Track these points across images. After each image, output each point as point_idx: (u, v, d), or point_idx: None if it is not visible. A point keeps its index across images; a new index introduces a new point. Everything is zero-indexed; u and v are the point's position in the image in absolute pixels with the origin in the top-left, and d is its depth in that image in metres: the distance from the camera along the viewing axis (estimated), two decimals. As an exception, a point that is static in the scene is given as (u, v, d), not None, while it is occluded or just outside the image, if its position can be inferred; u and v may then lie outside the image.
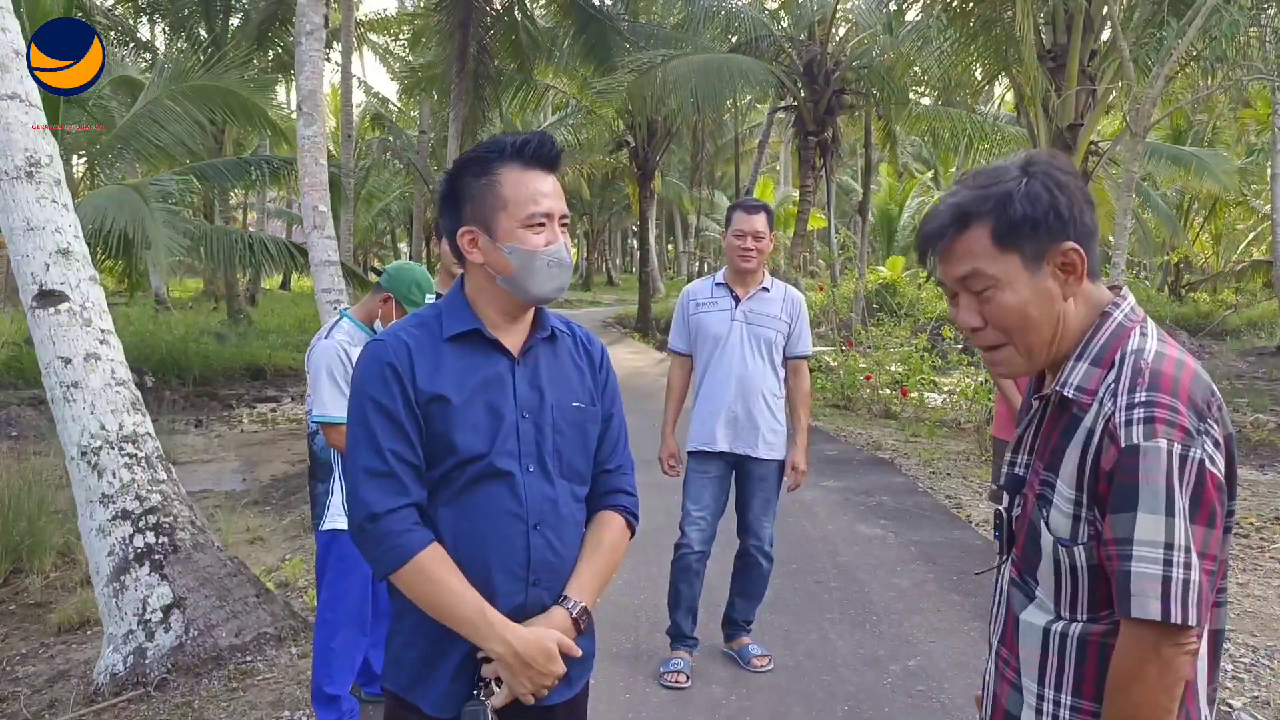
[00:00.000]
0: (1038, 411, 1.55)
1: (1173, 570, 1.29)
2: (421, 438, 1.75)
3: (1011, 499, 1.58)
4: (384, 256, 49.87)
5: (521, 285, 1.80)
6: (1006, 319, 1.47)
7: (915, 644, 4.45)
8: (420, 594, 1.72)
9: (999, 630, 1.59)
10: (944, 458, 9.14)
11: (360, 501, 1.73)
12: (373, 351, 1.79)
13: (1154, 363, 1.39)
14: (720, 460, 4.02)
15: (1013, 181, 1.45)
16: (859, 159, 25.52)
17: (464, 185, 1.82)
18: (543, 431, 1.84)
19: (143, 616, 4.16)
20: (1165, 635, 1.30)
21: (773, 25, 16.91)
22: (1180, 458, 1.31)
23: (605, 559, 1.91)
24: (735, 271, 4.05)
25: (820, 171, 17.33)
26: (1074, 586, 1.44)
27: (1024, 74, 9.92)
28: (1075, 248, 1.44)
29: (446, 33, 16.80)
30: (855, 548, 5.95)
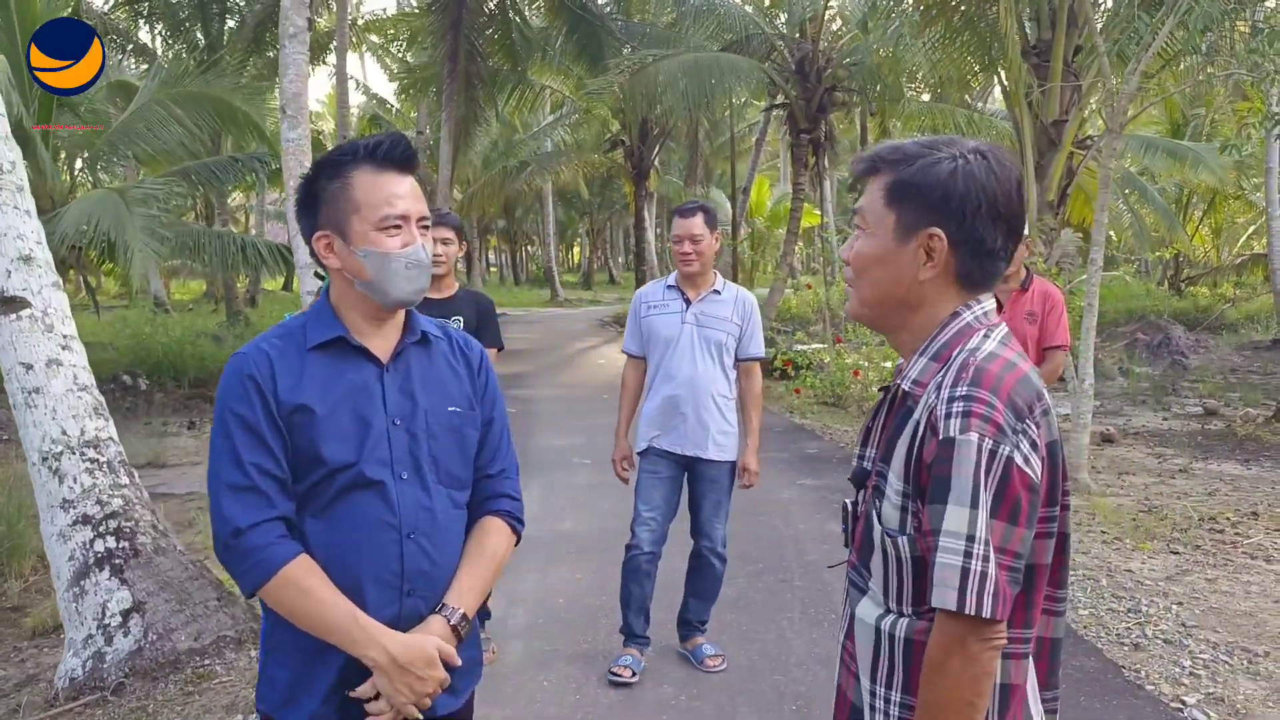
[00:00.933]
0: (884, 404, 1.59)
1: (972, 562, 1.31)
2: (286, 450, 1.74)
3: (857, 492, 1.62)
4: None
5: (379, 289, 1.79)
6: (858, 261, 1.55)
7: (872, 643, 4.45)
8: (290, 607, 1.71)
9: (844, 624, 1.63)
10: (928, 455, 9.12)
11: (223, 517, 1.70)
12: (233, 365, 1.78)
13: (982, 361, 1.42)
14: (671, 460, 4.04)
15: (935, 155, 1.48)
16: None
17: (319, 189, 1.81)
18: (417, 438, 1.83)
19: (102, 621, 4.20)
20: (970, 628, 1.33)
21: (764, 23, 16.90)
22: (990, 452, 1.33)
23: (487, 566, 1.89)
24: (682, 275, 4.08)
25: (815, 169, 17.33)
26: (899, 578, 1.47)
27: (1008, 70, 9.90)
28: (939, 235, 1.46)
29: (439, 33, 16.84)
30: (825, 546, 5.96)
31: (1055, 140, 10.37)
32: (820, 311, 17.25)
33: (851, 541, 1.63)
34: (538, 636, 4.59)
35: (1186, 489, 7.70)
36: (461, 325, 4.26)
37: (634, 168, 20.35)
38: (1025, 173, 10.55)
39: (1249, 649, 4.51)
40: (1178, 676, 4.24)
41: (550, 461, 8.41)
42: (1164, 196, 24.94)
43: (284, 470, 1.74)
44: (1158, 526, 6.47)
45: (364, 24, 26.11)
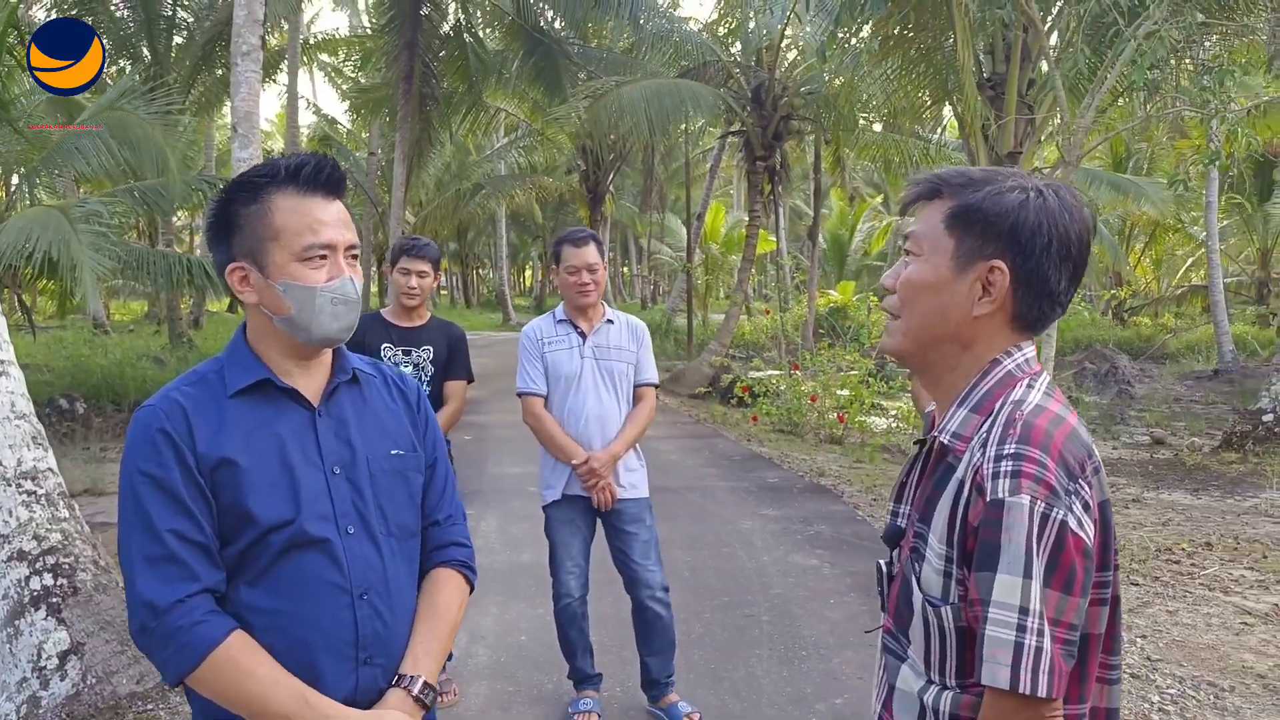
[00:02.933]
0: (919, 457, 1.48)
1: (1026, 637, 1.21)
2: (210, 512, 1.54)
3: (892, 550, 1.51)
4: (335, 278, 49.40)
5: (302, 326, 1.60)
6: (906, 288, 1.43)
7: (843, 680, 4.37)
8: (226, 693, 1.50)
9: (881, 694, 1.51)
10: (886, 484, 9.11)
11: (139, 597, 1.49)
12: (140, 419, 1.57)
13: (1029, 415, 1.32)
14: (584, 504, 3.83)
15: (1004, 183, 1.39)
16: (810, 183, 25.76)
17: (233, 214, 1.61)
18: (359, 488, 1.64)
19: (37, 663, 3.96)
20: (1023, 708, 1.22)
21: (721, 51, 17.00)
22: (1042, 516, 1.23)
23: (444, 624, 1.71)
24: (575, 308, 3.86)
25: (769, 196, 17.41)
26: (942, 648, 1.36)
27: (964, 102, 10.02)
28: (1001, 267, 1.36)
29: (393, 54, 16.68)
30: (789, 579, 5.87)
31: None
32: (775, 337, 17.29)
33: (886, 606, 1.51)
34: (500, 676, 4.43)
35: (1140, 519, 7.76)
36: (432, 355, 4.13)
37: (590, 192, 20.29)
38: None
39: (1214, 683, 4.50)
40: (1146, 711, 4.22)
41: (507, 489, 8.23)
42: (1108, 228, 25.52)
43: (208, 535, 1.54)
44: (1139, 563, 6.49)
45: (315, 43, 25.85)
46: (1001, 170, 1.44)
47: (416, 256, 4.09)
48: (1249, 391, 14.12)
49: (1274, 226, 23.22)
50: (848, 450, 11.26)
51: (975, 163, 10.73)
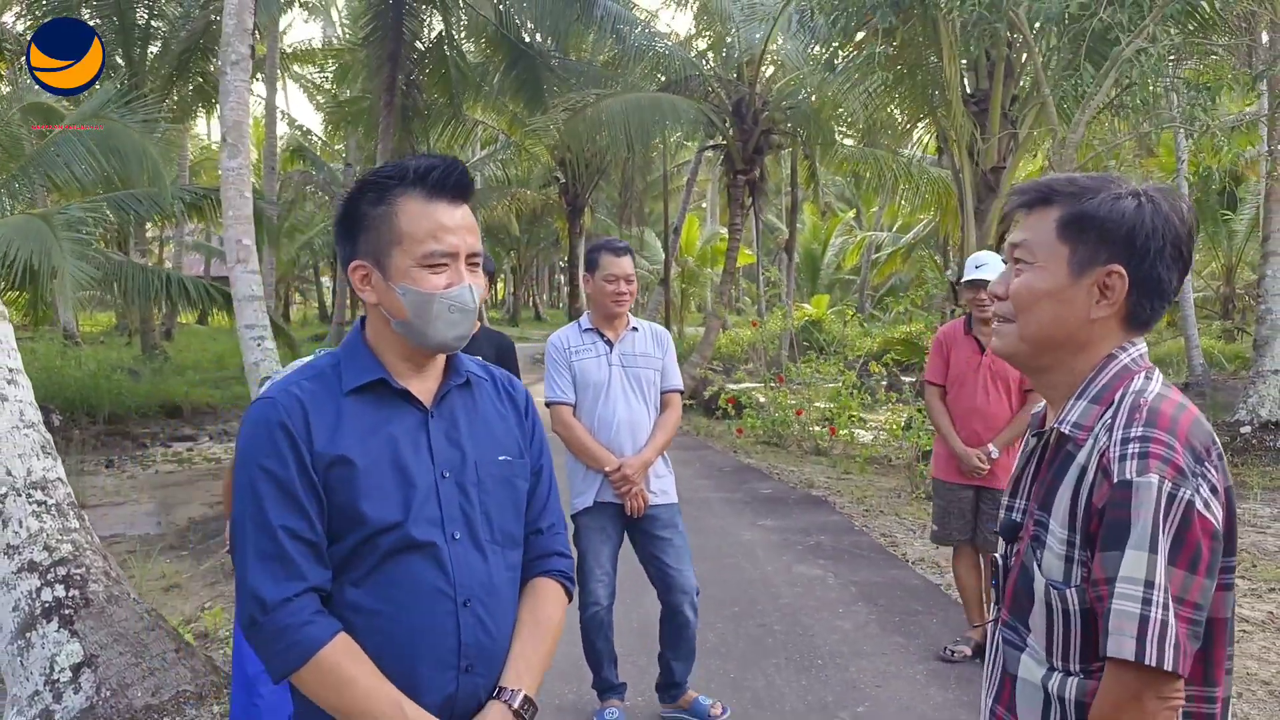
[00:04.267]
0: (1036, 451, 1.51)
1: (1152, 610, 1.24)
2: (322, 509, 1.53)
3: (1009, 545, 1.53)
4: (306, 291, 48.95)
5: (417, 330, 1.58)
6: (1022, 297, 1.46)
7: (862, 689, 4.38)
8: (325, 696, 1.49)
9: (993, 689, 1.52)
10: (876, 495, 9.18)
11: (250, 591, 1.49)
12: (260, 413, 1.56)
13: (1154, 402, 1.36)
14: (615, 511, 3.83)
15: (1116, 189, 1.43)
16: (784, 198, 25.94)
17: (360, 213, 1.60)
18: (467, 493, 1.62)
19: (50, 676, 3.88)
20: (1148, 682, 1.25)
21: (701, 65, 17.11)
22: (1169, 495, 1.26)
23: (546, 636, 1.69)
24: (606, 316, 3.90)
25: (749, 209, 17.52)
26: (1065, 633, 1.38)
27: (950, 118, 10.15)
28: (1120, 272, 1.40)
29: (374, 66, 16.63)
30: (796, 589, 5.89)
31: (993, 186, 10.63)
32: (755, 350, 17.35)
33: (1002, 599, 1.53)
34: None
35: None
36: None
37: (570, 205, 20.28)
38: (965, 218, 10.81)
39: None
40: None
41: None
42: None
43: (318, 534, 1.53)
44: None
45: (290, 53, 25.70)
46: (1109, 176, 1.48)
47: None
48: (1220, 404, 14.35)
49: (1238, 243, 23.68)
50: (834, 461, 11.32)
51: (959, 177, 10.88)
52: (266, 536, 1.50)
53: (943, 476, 4.77)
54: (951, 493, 4.71)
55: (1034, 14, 7.17)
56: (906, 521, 8.00)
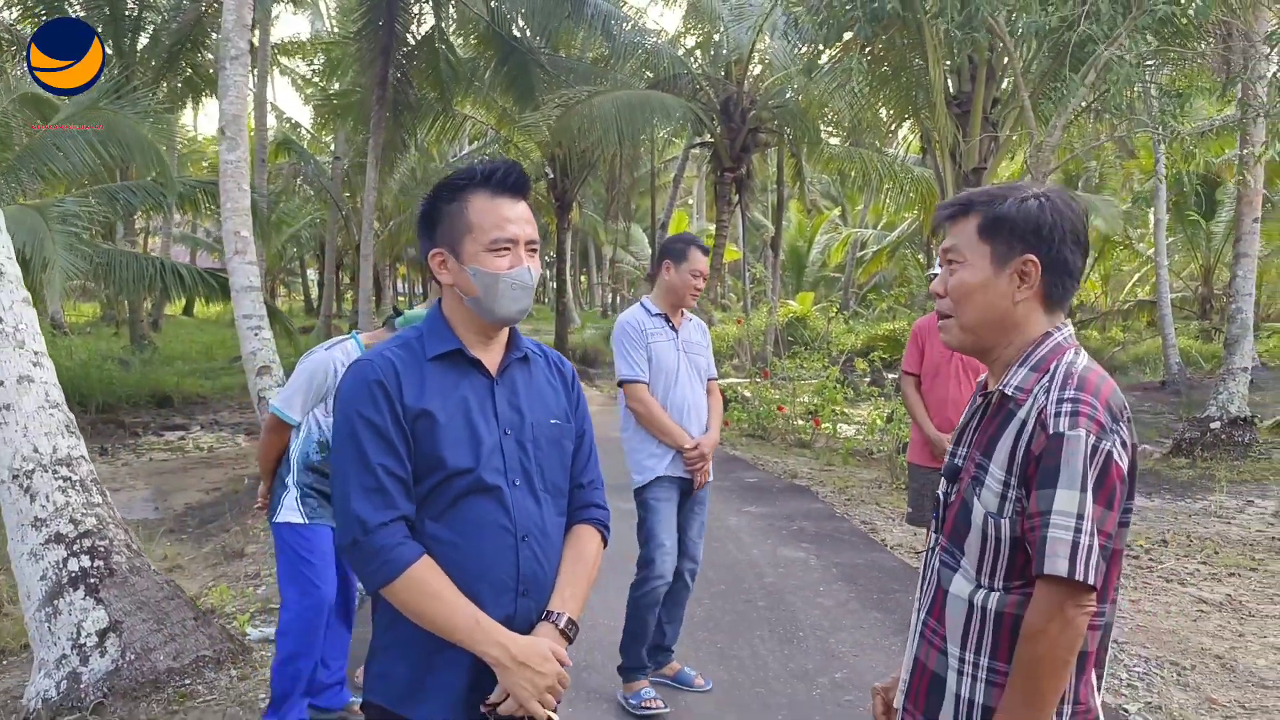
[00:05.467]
0: (979, 408, 1.80)
1: (1081, 537, 1.53)
2: (410, 453, 1.81)
3: (950, 484, 1.82)
4: (291, 284, 48.92)
5: (486, 306, 1.88)
6: (957, 292, 1.76)
7: (841, 658, 4.67)
8: (414, 606, 1.77)
9: (927, 604, 1.81)
10: (857, 485, 9.47)
11: (352, 516, 1.76)
12: (360, 371, 1.85)
13: (1082, 372, 1.66)
14: (677, 484, 4.08)
15: (1020, 194, 1.72)
16: (769, 195, 26.22)
17: (438, 209, 1.91)
18: (525, 448, 1.91)
19: (77, 641, 4.11)
20: (1071, 594, 1.54)
21: (690, 63, 17.35)
22: (1094, 446, 1.56)
23: (586, 572, 1.98)
24: (676, 304, 4.16)
25: (735, 206, 17.80)
26: (995, 555, 1.67)
27: (933, 120, 10.44)
28: (1034, 261, 1.70)
29: (367, 60, 16.78)
30: (780, 569, 6.17)
31: (974, 186, 10.93)
32: (741, 345, 17.62)
33: (942, 526, 1.82)
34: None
35: (1101, 517, 8.16)
36: None
37: (558, 201, 20.50)
38: (946, 217, 11.08)
39: (1177, 663, 4.85)
40: (1117, 687, 4.55)
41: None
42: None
43: (408, 473, 1.81)
44: (1080, 552, 6.86)
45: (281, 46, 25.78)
46: (1016, 184, 1.80)
47: None
48: (1195, 402, 14.72)
49: (1216, 244, 24.12)
50: (817, 454, 11.61)
51: (941, 176, 11.18)
52: (368, 472, 1.77)
53: (917, 461, 5.05)
54: (925, 476, 4.99)
55: (1014, 28, 7.45)
56: (886, 510, 8.29)
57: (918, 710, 1.79)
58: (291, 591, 3.69)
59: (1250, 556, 6.80)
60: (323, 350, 3.68)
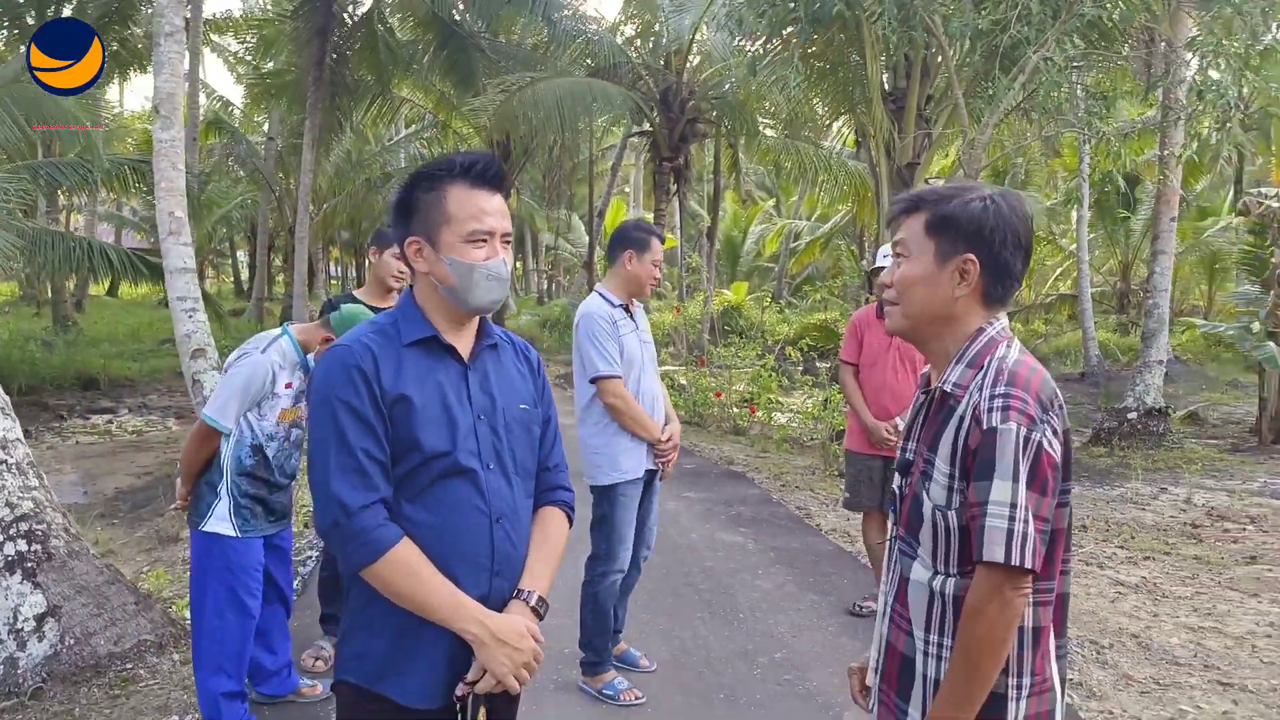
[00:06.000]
0: (924, 405, 1.90)
1: (1015, 525, 1.64)
2: (388, 436, 1.85)
3: (903, 478, 1.92)
4: (221, 266, 47.79)
5: (461, 296, 1.92)
6: (902, 283, 1.86)
7: (780, 638, 4.81)
8: (395, 586, 1.81)
9: (893, 590, 1.92)
10: (792, 472, 9.67)
11: (332, 498, 1.80)
12: (338, 356, 1.88)
13: (1013, 366, 1.76)
14: (645, 478, 4.11)
15: (967, 195, 1.82)
16: (705, 185, 26.41)
17: (415, 198, 1.94)
18: (497, 432, 1.97)
19: (14, 626, 4.05)
20: (1008, 578, 1.65)
21: (630, 53, 17.40)
22: (1024, 438, 1.66)
23: (554, 551, 2.06)
24: (633, 295, 4.14)
25: (674, 196, 17.92)
26: (947, 545, 1.78)
27: (869, 115, 10.64)
28: (974, 260, 1.80)
29: (303, 39, 16.48)
30: (719, 553, 6.31)
31: (908, 182, 11.18)
32: (677, 333, 17.76)
33: (899, 518, 1.92)
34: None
35: (1025, 504, 8.45)
36: None
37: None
38: (880, 211, 11.35)
39: (1096, 641, 5.08)
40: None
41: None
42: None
43: (387, 456, 1.85)
44: (1005, 537, 7.12)
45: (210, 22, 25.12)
46: (965, 184, 1.90)
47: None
48: (1113, 393, 15.27)
49: (1134, 241, 24.93)
50: (752, 441, 11.80)
51: (876, 170, 11.41)
52: (349, 455, 1.81)
53: (855, 448, 5.21)
54: (863, 463, 5.15)
55: (951, 30, 7.66)
56: (820, 496, 8.49)
57: (891, 689, 1.89)
58: (211, 608, 3.49)
59: (1164, 541, 7.13)
60: (257, 353, 3.52)
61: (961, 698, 1.70)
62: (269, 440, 3.55)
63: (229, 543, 3.49)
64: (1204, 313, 25.32)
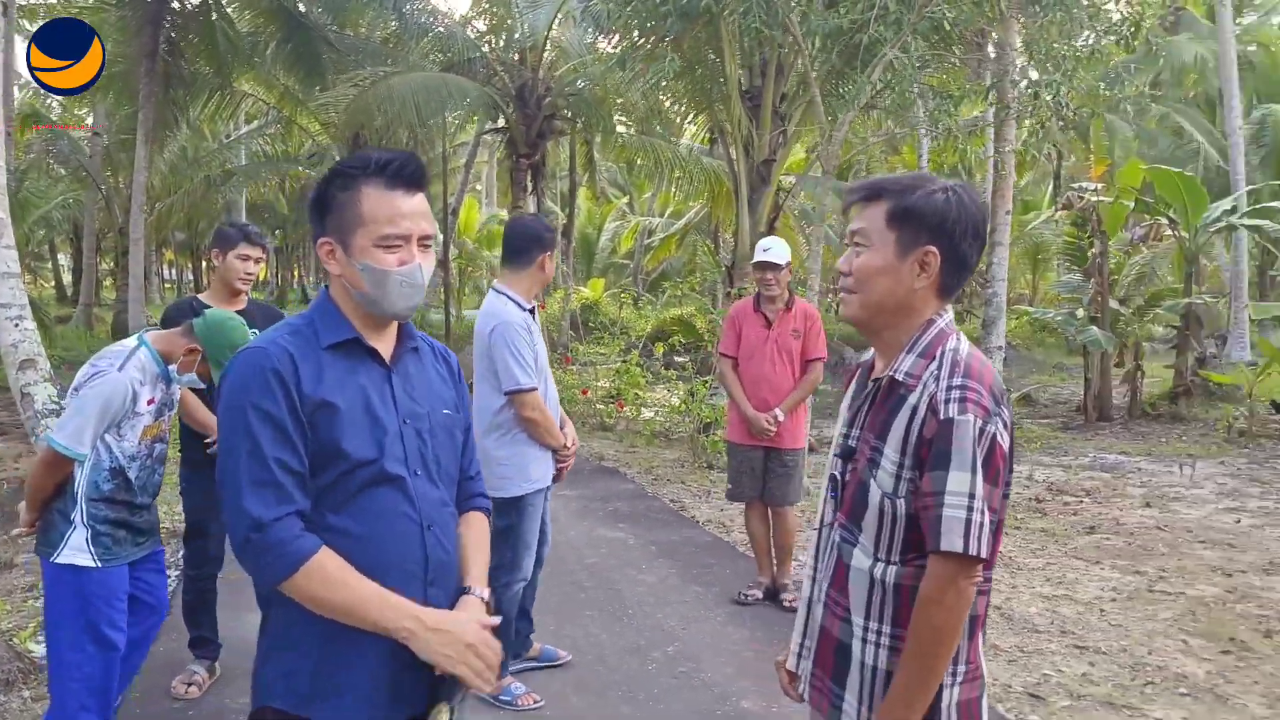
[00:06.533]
0: (870, 393, 1.91)
1: (973, 515, 1.67)
2: (307, 445, 1.74)
3: (844, 465, 1.94)
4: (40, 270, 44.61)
5: (375, 301, 1.82)
6: (862, 273, 1.84)
7: (670, 632, 4.85)
8: (319, 596, 1.71)
9: (828, 576, 1.93)
10: (662, 465, 9.77)
11: (243, 512, 1.69)
12: (253, 360, 1.76)
13: (966, 359, 1.79)
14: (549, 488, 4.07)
15: (929, 186, 1.81)
16: (558, 182, 26.35)
17: (330, 196, 1.83)
18: (423, 438, 1.89)
19: None
20: (963, 568, 1.68)
21: (484, 47, 17.16)
22: (981, 430, 1.70)
23: (484, 554, 2.03)
24: (533, 295, 4.05)
25: (531, 193, 17.80)
26: (891, 532, 1.80)
27: (727, 113, 10.85)
28: (935, 251, 1.81)
29: (132, 29, 15.52)
30: (601, 550, 6.31)
31: (765, 178, 11.49)
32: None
33: (840, 505, 1.93)
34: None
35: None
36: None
37: (345, 184, 19.64)
38: (739, 206, 11.60)
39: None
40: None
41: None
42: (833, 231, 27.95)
43: (304, 466, 1.74)
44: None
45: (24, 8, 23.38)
46: (924, 175, 1.92)
47: (256, 243, 4.16)
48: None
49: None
50: (620, 436, 11.86)
51: (735, 167, 11.65)
52: (261, 466, 1.70)
53: (735, 440, 5.30)
54: (744, 454, 5.24)
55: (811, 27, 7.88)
56: (692, 488, 8.61)
57: (826, 675, 1.91)
58: (67, 643, 3.19)
59: (1013, 516, 7.54)
60: (114, 371, 3.20)
61: (915, 693, 1.73)
62: (130, 461, 3.28)
63: (88, 574, 3.19)
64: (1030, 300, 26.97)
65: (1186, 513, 7.86)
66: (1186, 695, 4.28)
